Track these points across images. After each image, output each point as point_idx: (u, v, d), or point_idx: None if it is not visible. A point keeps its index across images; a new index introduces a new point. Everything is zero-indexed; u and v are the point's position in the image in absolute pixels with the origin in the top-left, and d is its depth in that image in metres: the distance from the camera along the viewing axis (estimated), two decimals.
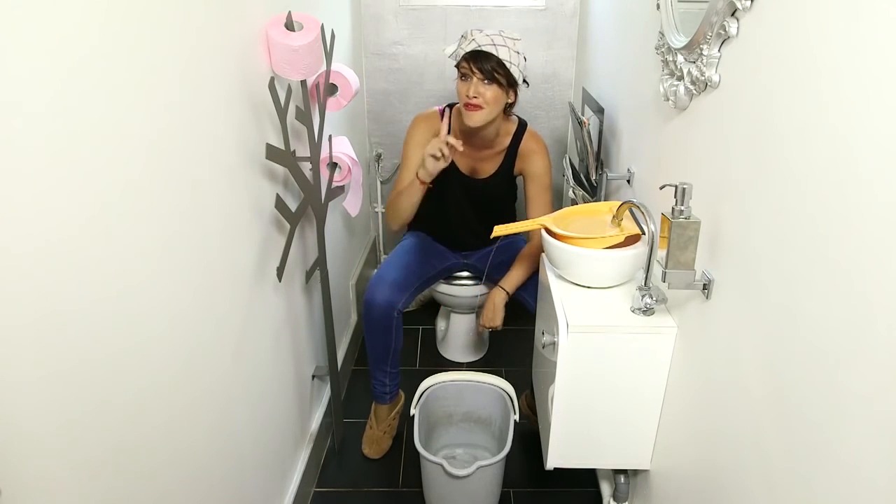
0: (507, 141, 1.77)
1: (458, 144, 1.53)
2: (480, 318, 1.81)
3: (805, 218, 0.73)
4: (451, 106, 1.78)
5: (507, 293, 1.76)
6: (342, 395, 1.92)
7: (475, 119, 1.61)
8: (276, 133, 1.31)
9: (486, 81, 1.56)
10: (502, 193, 1.87)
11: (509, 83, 1.60)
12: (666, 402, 1.22)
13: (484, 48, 1.55)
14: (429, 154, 1.56)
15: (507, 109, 1.68)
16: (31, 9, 0.61)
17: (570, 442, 1.30)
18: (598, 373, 1.21)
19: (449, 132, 1.76)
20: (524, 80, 1.64)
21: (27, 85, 0.61)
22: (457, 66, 1.61)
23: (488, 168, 1.81)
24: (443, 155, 1.54)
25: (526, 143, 1.77)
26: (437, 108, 1.81)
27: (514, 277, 1.77)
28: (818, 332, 0.70)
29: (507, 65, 1.56)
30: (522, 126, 1.79)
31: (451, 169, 1.77)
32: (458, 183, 1.83)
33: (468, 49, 1.56)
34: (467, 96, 1.58)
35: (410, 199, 1.68)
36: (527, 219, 1.56)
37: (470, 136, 1.71)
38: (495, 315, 1.77)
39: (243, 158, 1.17)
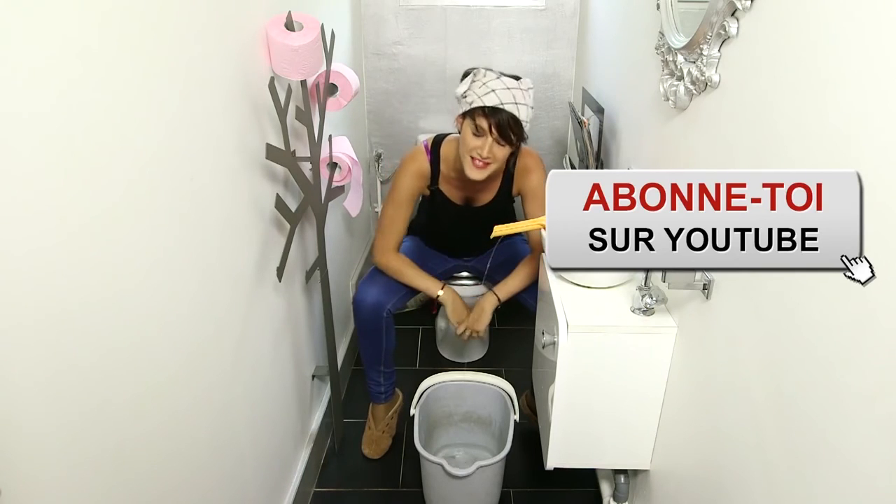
0: (503, 165, 1.68)
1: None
2: (466, 320, 1.74)
3: None
4: (437, 141, 1.69)
5: (499, 300, 1.72)
6: (342, 395, 1.92)
7: (480, 175, 1.54)
8: (276, 133, 1.31)
9: (501, 142, 1.49)
10: (502, 214, 1.80)
11: (518, 139, 1.52)
12: (666, 402, 1.22)
13: (506, 107, 1.45)
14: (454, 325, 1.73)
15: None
16: (33, 11, 0.61)
17: (570, 442, 1.30)
18: (598, 373, 1.21)
19: (440, 169, 1.69)
20: None
21: (29, 87, 0.61)
22: (467, 113, 1.49)
23: (486, 196, 1.75)
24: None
25: (522, 160, 1.69)
26: (422, 143, 1.72)
27: (510, 285, 1.72)
28: (818, 332, 0.70)
29: (524, 124, 1.49)
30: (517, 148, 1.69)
31: (446, 202, 1.73)
32: (455, 214, 1.78)
33: (489, 103, 1.45)
34: (479, 155, 1.50)
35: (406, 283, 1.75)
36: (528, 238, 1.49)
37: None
38: (479, 319, 1.71)
39: (243, 158, 1.17)
